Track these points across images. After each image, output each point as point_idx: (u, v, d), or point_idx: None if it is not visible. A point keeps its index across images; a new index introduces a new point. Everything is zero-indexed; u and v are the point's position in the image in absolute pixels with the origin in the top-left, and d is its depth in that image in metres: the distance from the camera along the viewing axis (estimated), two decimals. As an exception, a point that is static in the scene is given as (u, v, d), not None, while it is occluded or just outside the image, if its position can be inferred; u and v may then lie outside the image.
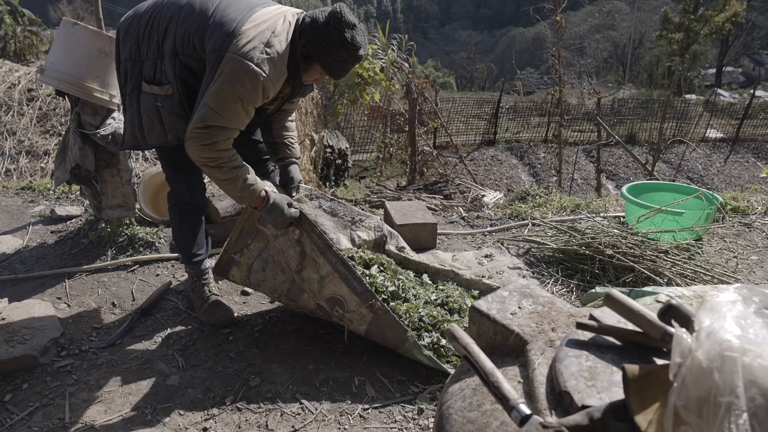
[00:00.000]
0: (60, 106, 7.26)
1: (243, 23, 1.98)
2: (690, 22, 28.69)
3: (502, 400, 0.89)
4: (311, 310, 2.40)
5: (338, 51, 2.06)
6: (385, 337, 2.25)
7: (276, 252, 2.38)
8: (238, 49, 1.94)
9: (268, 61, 1.98)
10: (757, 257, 3.39)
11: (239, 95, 1.98)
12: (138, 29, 2.18)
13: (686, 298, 1.26)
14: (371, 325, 2.25)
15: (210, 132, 2.01)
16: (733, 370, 0.71)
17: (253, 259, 2.43)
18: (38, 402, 2.07)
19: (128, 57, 2.21)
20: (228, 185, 2.12)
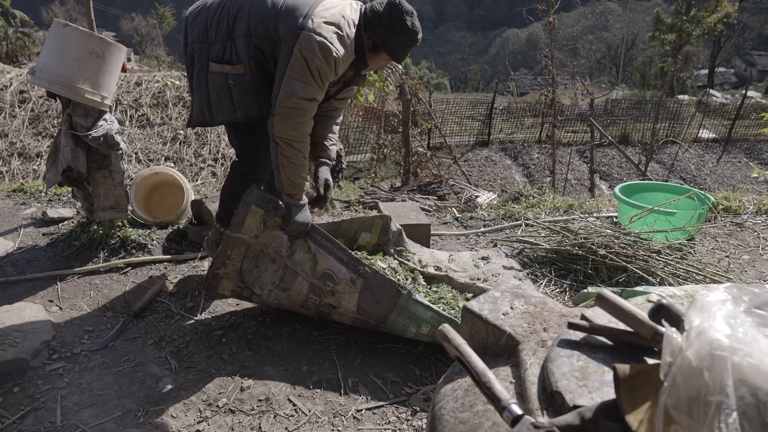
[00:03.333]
0: (52, 107, 7.22)
1: (315, 7, 2.17)
2: (682, 23, 28.80)
3: (494, 401, 0.89)
4: (303, 298, 2.38)
5: (401, 38, 2.25)
6: (378, 300, 2.25)
7: (263, 245, 2.39)
8: (313, 28, 2.11)
9: (338, 41, 2.16)
10: (748, 257, 3.41)
11: (317, 66, 2.14)
12: (207, 15, 2.36)
13: (677, 298, 1.27)
14: (363, 293, 2.26)
15: (301, 104, 2.16)
16: (723, 369, 0.71)
17: (239, 263, 2.42)
18: (29, 405, 2.05)
19: (196, 39, 2.38)
20: (293, 171, 2.25)
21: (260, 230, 2.37)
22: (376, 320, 2.30)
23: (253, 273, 2.43)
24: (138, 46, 40.48)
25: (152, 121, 7.25)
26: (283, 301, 2.45)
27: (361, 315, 2.31)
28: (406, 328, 2.27)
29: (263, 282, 2.43)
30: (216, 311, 2.71)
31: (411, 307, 2.21)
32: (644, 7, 53.10)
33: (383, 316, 2.26)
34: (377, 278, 2.25)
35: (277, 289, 2.41)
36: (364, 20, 2.27)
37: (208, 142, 6.96)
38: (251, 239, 2.38)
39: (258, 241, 2.38)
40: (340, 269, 2.29)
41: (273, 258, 2.39)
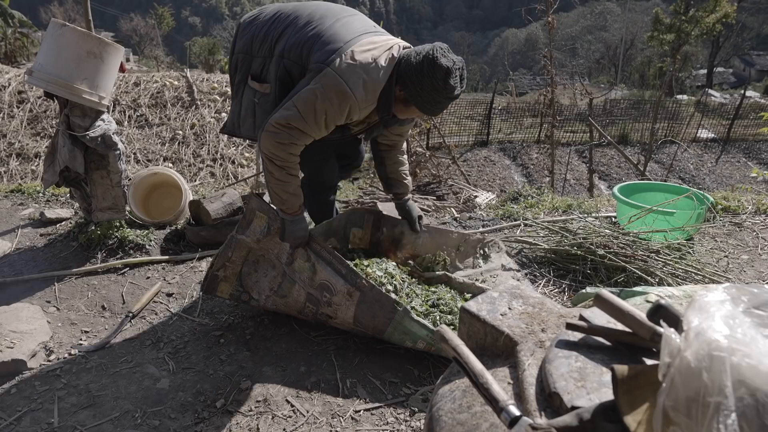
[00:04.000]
0: (51, 108, 7.22)
1: (351, 45, 2.07)
2: (681, 23, 28.82)
3: (492, 402, 0.88)
4: (300, 306, 2.38)
5: (431, 95, 2.08)
6: (374, 314, 2.22)
7: (265, 251, 2.41)
8: (338, 67, 2.03)
9: (362, 86, 2.06)
10: (747, 256, 3.40)
11: (325, 108, 2.06)
12: (256, 27, 2.33)
13: (676, 298, 1.26)
14: (359, 306, 2.23)
15: (291, 133, 2.11)
16: (722, 370, 0.70)
17: (239, 267, 2.44)
18: (27, 406, 2.04)
19: (241, 50, 2.36)
20: (278, 186, 2.22)
21: (263, 235, 2.39)
22: (373, 331, 2.29)
23: (252, 277, 2.43)
24: (137, 47, 40.49)
25: (151, 122, 7.24)
26: (281, 307, 2.45)
27: (358, 326, 2.30)
28: (403, 342, 2.26)
29: (261, 287, 2.43)
30: (214, 312, 2.70)
31: (407, 324, 2.19)
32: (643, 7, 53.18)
33: (380, 329, 2.25)
34: (374, 293, 2.21)
35: (275, 295, 2.41)
36: (398, 70, 2.11)
37: (207, 142, 6.95)
38: (254, 243, 2.39)
39: (260, 246, 2.40)
40: (337, 281, 2.26)
41: (273, 264, 2.40)
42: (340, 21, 2.19)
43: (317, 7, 2.28)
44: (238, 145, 6.97)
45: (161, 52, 36.72)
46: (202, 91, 7.71)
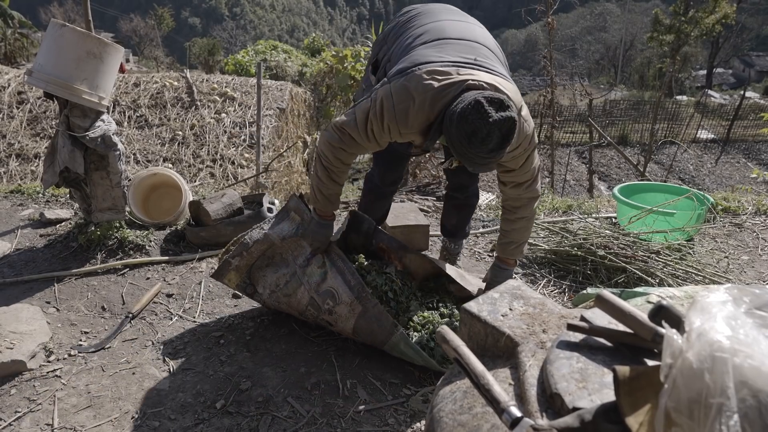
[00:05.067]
0: (50, 108, 7.21)
1: (421, 68, 1.96)
2: (680, 24, 28.85)
3: (493, 403, 0.88)
4: (302, 308, 2.38)
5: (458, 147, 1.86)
6: (373, 331, 2.23)
7: (284, 250, 2.42)
8: (394, 85, 1.98)
9: (406, 110, 1.95)
10: (747, 257, 3.40)
11: (370, 119, 2.04)
12: (395, 24, 2.40)
13: (677, 299, 1.26)
14: (359, 319, 2.23)
15: (342, 138, 2.11)
16: (724, 371, 0.70)
17: (254, 259, 2.44)
18: (26, 407, 2.04)
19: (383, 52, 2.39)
20: (318, 184, 2.25)
21: (290, 234, 2.39)
22: (371, 343, 2.31)
23: (261, 271, 2.44)
24: (136, 47, 40.51)
25: (150, 122, 7.24)
26: (283, 305, 2.45)
27: (357, 337, 2.31)
28: (401, 354, 2.25)
29: (267, 282, 2.43)
30: (214, 313, 2.70)
31: (402, 348, 2.19)
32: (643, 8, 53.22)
33: (379, 342, 2.26)
34: (376, 310, 2.21)
35: (280, 292, 2.40)
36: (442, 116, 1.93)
37: (207, 143, 6.94)
38: (278, 240, 2.40)
39: (282, 244, 2.41)
40: (344, 290, 2.26)
41: (287, 263, 2.40)
42: (440, 45, 2.09)
43: (437, 26, 2.21)
44: (237, 146, 6.97)
45: (161, 52, 36.73)
46: (201, 92, 7.71)
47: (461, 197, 2.81)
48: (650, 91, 28.00)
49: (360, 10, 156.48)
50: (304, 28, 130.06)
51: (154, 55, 33.79)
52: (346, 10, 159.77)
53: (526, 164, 2.15)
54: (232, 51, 37.13)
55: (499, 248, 2.43)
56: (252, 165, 6.71)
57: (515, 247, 2.37)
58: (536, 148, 2.17)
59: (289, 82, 9.95)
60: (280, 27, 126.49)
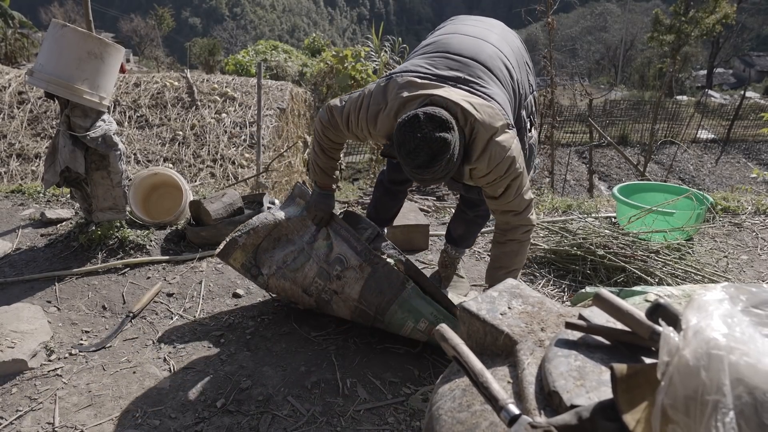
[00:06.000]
0: (51, 109, 7.21)
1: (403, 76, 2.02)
2: (681, 24, 28.85)
3: (492, 401, 0.88)
4: (308, 282, 2.40)
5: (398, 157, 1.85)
6: (381, 290, 2.28)
7: (290, 230, 2.50)
8: (377, 88, 2.05)
9: (376, 114, 2.02)
10: (747, 257, 3.41)
11: (352, 113, 2.11)
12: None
13: (675, 298, 1.27)
14: (368, 282, 2.30)
15: (330, 119, 2.21)
16: (720, 369, 0.71)
17: (261, 239, 2.50)
18: (27, 406, 2.05)
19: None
20: (313, 156, 2.38)
21: (295, 215, 2.50)
22: (375, 311, 2.31)
23: (267, 253, 2.49)
24: (137, 47, 40.54)
25: (151, 122, 7.24)
26: (287, 283, 2.44)
27: (362, 304, 2.32)
28: (404, 323, 2.27)
29: (274, 260, 2.46)
30: (214, 312, 2.71)
31: (413, 301, 2.24)
32: (643, 8, 53.22)
33: (383, 308, 2.28)
34: (386, 269, 2.30)
35: (286, 268, 2.44)
36: None
37: (207, 143, 6.95)
38: (283, 220, 2.49)
39: (288, 224, 2.49)
40: (352, 254, 2.36)
41: (293, 241, 2.48)
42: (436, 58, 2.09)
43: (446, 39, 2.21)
44: (238, 146, 6.97)
45: (161, 52, 36.76)
46: (202, 92, 7.71)
47: (471, 214, 2.76)
48: (650, 91, 27.98)
49: (360, 10, 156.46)
50: (305, 28, 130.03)
51: (155, 55, 33.82)
52: (346, 11, 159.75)
53: (507, 194, 2.00)
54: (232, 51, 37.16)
55: (489, 276, 2.25)
56: (252, 165, 6.71)
57: (506, 273, 2.17)
58: (524, 180, 2.02)
59: (290, 82, 9.95)
60: (281, 27, 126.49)
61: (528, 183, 2.08)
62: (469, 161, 1.94)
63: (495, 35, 2.26)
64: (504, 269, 2.19)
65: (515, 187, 2.00)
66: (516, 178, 1.98)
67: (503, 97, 2.07)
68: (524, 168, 2.02)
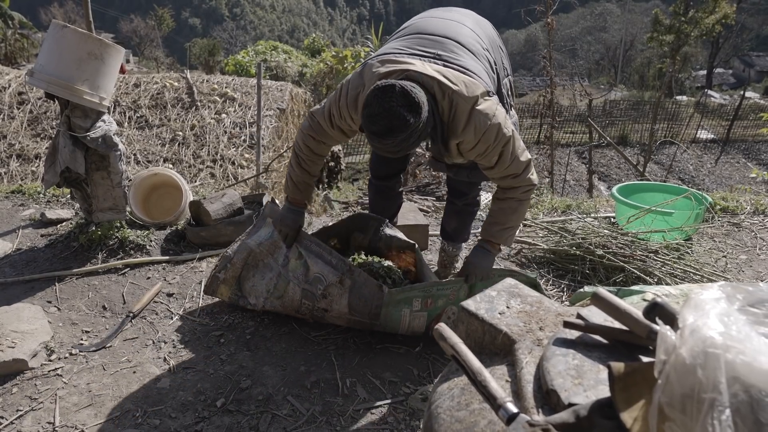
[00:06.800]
0: (51, 109, 7.22)
1: (378, 57, 2.05)
2: (680, 24, 28.84)
3: (490, 399, 0.89)
4: (297, 304, 2.41)
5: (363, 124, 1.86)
6: (366, 300, 2.27)
7: (264, 255, 2.47)
8: (353, 74, 2.06)
9: (356, 97, 2.02)
10: (746, 256, 3.41)
11: (333, 108, 2.11)
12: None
13: (673, 297, 1.27)
14: (352, 293, 2.28)
15: (312, 124, 2.21)
16: (716, 367, 0.71)
17: (239, 270, 2.50)
18: (28, 406, 2.05)
19: None
20: (290, 171, 2.35)
21: (266, 239, 2.45)
22: (369, 318, 2.31)
23: (249, 282, 2.49)
24: (137, 48, 40.52)
25: (151, 123, 7.24)
26: (279, 308, 2.49)
27: (354, 315, 2.32)
28: (400, 315, 2.27)
29: (259, 291, 2.48)
30: (214, 312, 2.71)
31: (397, 296, 2.23)
32: (642, 8, 53.21)
33: (374, 313, 2.28)
34: (362, 278, 2.27)
35: (272, 296, 2.45)
36: None
37: (207, 143, 6.95)
38: (255, 246, 2.46)
39: (260, 249, 2.46)
40: (328, 270, 2.31)
41: (270, 267, 2.46)
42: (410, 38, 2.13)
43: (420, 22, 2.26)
44: (238, 147, 6.98)
45: (161, 53, 36.75)
46: (202, 93, 7.71)
47: (459, 204, 2.81)
48: (650, 91, 27.99)
49: (360, 10, 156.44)
50: (305, 28, 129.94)
51: (155, 56, 33.81)
52: (346, 11, 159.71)
53: (503, 160, 2.03)
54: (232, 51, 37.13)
55: (484, 229, 2.28)
56: (252, 165, 6.71)
57: (501, 230, 2.21)
58: (516, 143, 2.04)
59: (289, 83, 9.96)
60: (281, 27, 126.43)
61: (521, 144, 2.10)
62: (455, 135, 1.96)
63: (469, 20, 2.31)
64: (500, 225, 2.22)
65: (509, 152, 2.03)
66: (507, 143, 2.00)
67: (479, 68, 2.09)
68: (513, 131, 2.04)
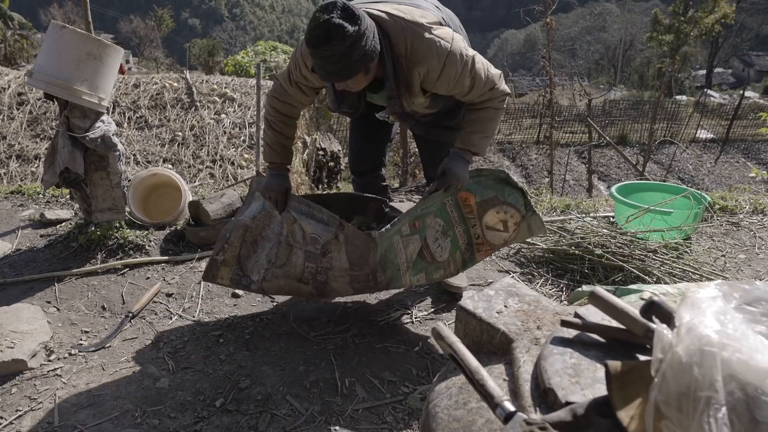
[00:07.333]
0: (50, 110, 7.22)
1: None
2: (680, 24, 28.89)
3: (487, 398, 0.89)
4: (300, 270, 2.35)
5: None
6: (361, 253, 2.25)
7: (260, 228, 2.41)
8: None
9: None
10: (744, 256, 3.42)
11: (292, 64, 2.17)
12: None
13: (670, 296, 1.27)
14: (347, 247, 2.26)
15: (275, 86, 2.26)
16: (712, 365, 0.71)
17: (237, 249, 2.40)
18: (27, 406, 2.05)
19: None
20: (263, 135, 2.40)
21: (258, 212, 2.40)
22: (372, 270, 2.28)
23: (251, 259, 2.40)
24: (136, 48, 40.55)
25: (150, 123, 7.25)
26: (281, 280, 2.38)
27: (354, 270, 2.29)
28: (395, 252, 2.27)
29: (260, 264, 2.39)
30: (213, 312, 2.71)
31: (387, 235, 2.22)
32: (642, 8, 53.25)
33: (373, 267, 2.26)
34: (350, 230, 2.26)
35: (274, 266, 2.37)
36: None
37: (206, 144, 6.96)
38: (249, 221, 2.39)
39: (255, 224, 2.39)
40: (322, 228, 2.29)
41: (269, 237, 2.40)
42: None
43: None
44: (237, 147, 6.98)
45: (161, 53, 36.76)
46: (201, 93, 7.72)
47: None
48: (650, 90, 28.01)
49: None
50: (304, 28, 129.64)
51: (154, 56, 33.82)
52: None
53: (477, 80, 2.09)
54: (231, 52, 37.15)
55: (462, 139, 2.25)
56: (251, 165, 6.71)
57: (481, 137, 2.21)
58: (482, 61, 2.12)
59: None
60: (280, 28, 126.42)
61: (485, 60, 2.16)
62: (417, 63, 2.01)
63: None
64: (480, 133, 2.23)
65: (481, 71, 2.10)
66: (474, 63, 2.08)
67: (433, 6, 2.18)
68: (474, 51, 2.12)
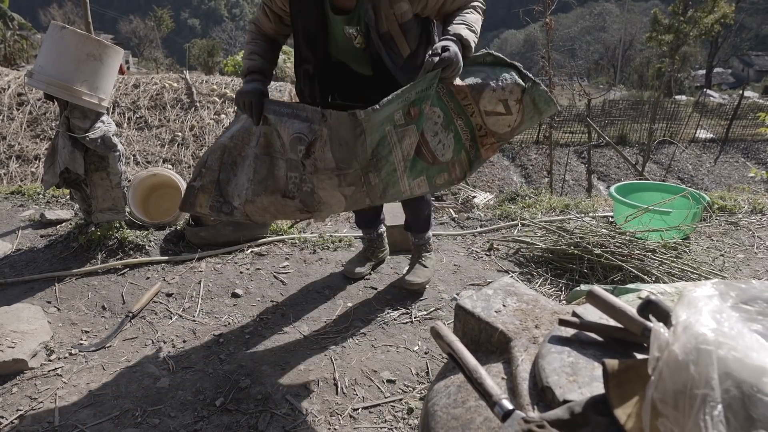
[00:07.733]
0: (50, 110, 7.23)
1: None
2: (679, 24, 28.90)
3: (486, 396, 0.90)
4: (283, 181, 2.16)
5: None
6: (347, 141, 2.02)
7: (239, 148, 2.23)
8: None
9: None
10: (743, 255, 3.42)
11: None
12: None
13: (668, 295, 1.28)
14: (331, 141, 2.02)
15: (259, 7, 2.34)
16: (708, 363, 0.72)
17: (216, 173, 2.23)
18: (28, 406, 2.06)
19: None
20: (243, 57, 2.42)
21: (237, 130, 2.23)
22: (363, 168, 2.07)
23: (231, 183, 2.23)
24: (136, 48, 40.57)
25: (150, 123, 7.26)
26: (264, 198, 2.18)
27: (341, 169, 2.07)
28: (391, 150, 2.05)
29: (240, 184, 2.21)
30: (213, 312, 2.72)
31: (375, 116, 1.98)
32: (641, 8, 53.29)
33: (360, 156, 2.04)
34: (333, 117, 2.01)
35: (253, 183, 2.17)
36: None
37: (206, 144, 6.96)
38: (228, 141, 2.23)
39: (233, 143, 2.22)
40: (305, 127, 2.05)
41: (247, 155, 2.21)
42: None
43: None
44: (237, 147, 7.00)
45: (160, 54, 36.77)
46: (201, 93, 7.73)
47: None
48: (649, 90, 28.03)
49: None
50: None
51: (154, 57, 33.84)
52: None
53: None
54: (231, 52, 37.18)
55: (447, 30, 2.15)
56: (251, 165, 6.72)
57: (467, 28, 2.13)
58: None
59: (289, 83, 9.96)
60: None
61: None
62: None
63: None
64: (466, 24, 2.15)
65: None
66: None
67: None
68: None
